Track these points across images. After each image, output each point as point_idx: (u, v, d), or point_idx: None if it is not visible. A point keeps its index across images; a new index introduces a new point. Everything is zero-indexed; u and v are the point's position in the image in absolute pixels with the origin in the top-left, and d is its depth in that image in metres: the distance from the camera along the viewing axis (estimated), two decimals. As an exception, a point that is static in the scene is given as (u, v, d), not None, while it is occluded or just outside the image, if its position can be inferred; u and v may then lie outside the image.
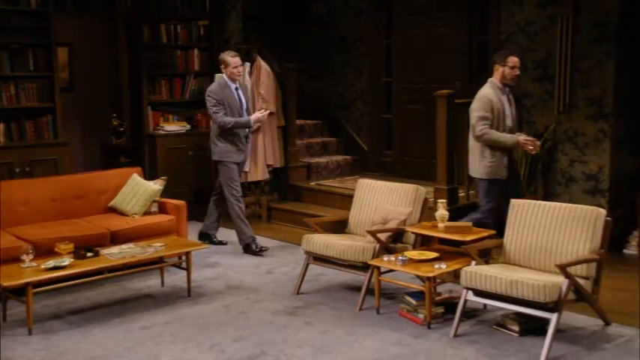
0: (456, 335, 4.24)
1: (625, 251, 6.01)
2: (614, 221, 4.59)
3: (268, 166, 7.43)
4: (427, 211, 5.15)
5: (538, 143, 5.36)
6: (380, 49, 8.18)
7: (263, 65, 7.34)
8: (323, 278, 5.44)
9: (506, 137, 5.21)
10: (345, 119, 8.57)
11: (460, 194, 6.28)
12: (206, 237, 6.49)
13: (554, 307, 3.93)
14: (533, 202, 4.63)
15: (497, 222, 5.13)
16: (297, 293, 5.11)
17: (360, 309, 4.74)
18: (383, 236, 4.83)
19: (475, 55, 7.29)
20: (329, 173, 8.09)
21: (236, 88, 6.17)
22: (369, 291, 4.75)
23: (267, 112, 6.45)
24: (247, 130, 6.26)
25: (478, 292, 4.22)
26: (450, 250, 4.84)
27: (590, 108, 6.06)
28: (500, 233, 4.69)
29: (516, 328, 4.25)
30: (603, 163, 6.04)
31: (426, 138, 6.96)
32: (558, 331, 4.00)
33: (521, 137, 5.25)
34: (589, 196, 6.10)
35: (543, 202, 4.64)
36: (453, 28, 7.36)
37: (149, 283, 5.37)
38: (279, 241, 6.66)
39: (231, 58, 6.09)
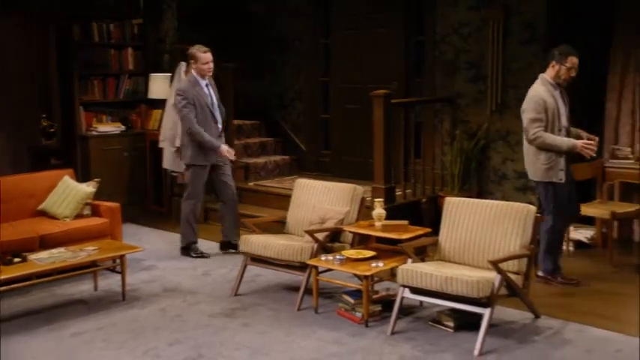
0: (393, 332, 4.28)
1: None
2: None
3: (205, 166, 7.33)
4: (364, 210, 5.18)
5: (595, 142, 5.00)
6: (318, 48, 8.19)
7: (199, 65, 7.23)
8: (261, 279, 5.41)
9: (562, 142, 4.91)
10: (283, 119, 8.55)
11: (397, 193, 6.35)
12: (228, 245, 6.21)
13: (487, 302, 4.01)
14: (467, 199, 4.73)
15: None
16: (235, 295, 5.06)
17: (299, 309, 4.73)
18: (321, 236, 4.84)
19: (412, 55, 7.39)
20: (267, 173, 8.06)
21: (207, 85, 5.96)
22: (308, 291, 4.74)
23: (234, 154, 6.11)
24: (219, 128, 6.04)
25: (414, 290, 4.27)
26: (387, 248, 4.89)
27: (520, 108, 6.19)
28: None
29: (451, 323, 4.32)
30: (534, 161, 6.20)
31: (364, 138, 7.00)
32: (491, 325, 4.08)
33: (580, 142, 4.90)
34: (520, 193, 6.27)
35: (476, 200, 4.75)
36: (390, 29, 7.43)
37: (81, 288, 5.22)
38: (216, 242, 6.58)
39: (202, 54, 5.85)
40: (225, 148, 5.93)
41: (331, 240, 4.95)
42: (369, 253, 4.66)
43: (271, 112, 8.61)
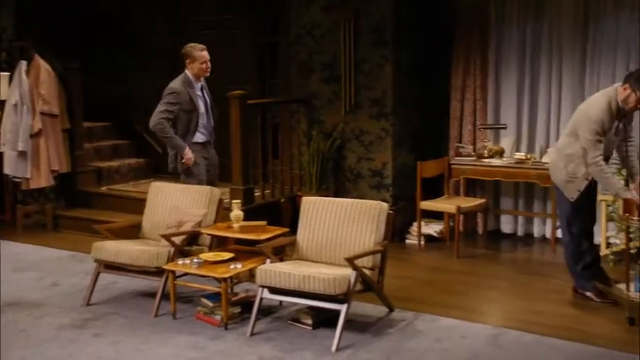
0: (252, 334, 4.27)
1: (407, 241, 6.48)
2: (397, 214, 4.92)
3: (53, 171, 6.95)
4: (223, 212, 5.13)
5: None
6: (173, 48, 8.00)
7: (42, 64, 6.84)
8: (115, 287, 5.19)
9: (614, 185, 4.55)
10: (137, 121, 8.27)
11: (256, 194, 6.35)
12: None
13: (344, 298, 4.10)
14: (323, 198, 4.81)
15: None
16: (87, 305, 4.82)
17: (156, 315, 4.59)
18: (178, 239, 4.73)
19: (266, 55, 7.42)
20: (122, 177, 7.77)
21: (201, 88, 5.42)
22: (165, 296, 4.61)
23: (192, 158, 5.31)
24: (211, 135, 5.46)
25: (273, 290, 4.28)
26: (246, 249, 4.87)
27: (373, 108, 6.43)
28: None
29: (309, 321, 4.38)
30: (386, 160, 6.44)
31: (221, 139, 6.91)
32: (348, 320, 4.18)
33: (631, 194, 4.47)
34: (375, 190, 6.48)
35: (332, 199, 4.84)
36: (244, 29, 7.43)
37: None
38: (67, 250, 6.25)
39: (199, 52, 5.31)
40: (189, 153, 5.28)
41: (189, 243, 4.85)
42: (228, 255, 4.62)
43: (123, 113, 8.31)
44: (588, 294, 4.80)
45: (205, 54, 5.36)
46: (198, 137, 5.39)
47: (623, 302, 4.46)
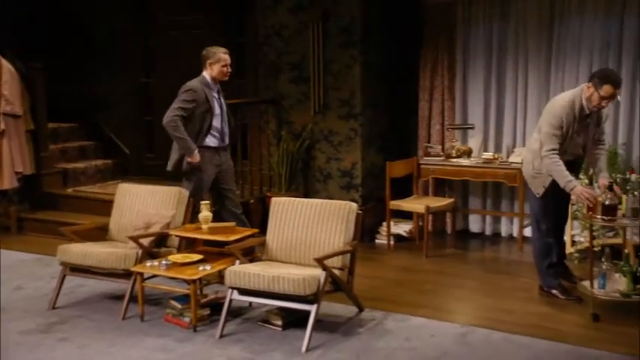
0: (222, 335, 4.24)
1: (376, 241, 6.51)
2: (366, 214, 4.93)
3: (17, 173, 6.82)
4: (191, 213, 5.08)
5: (595, 198, 4.41)
6: (139, 49, 7.94)
7: (4, 64, 6.72)
8: (82, 290, 5.12)
9: (562, 177, 4.53)
10: (104, 121, 8.18)
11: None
12: None
13: (313, 299, 4.10)
14: (292, 199, 4.80)
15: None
16: (53, 308, 4.75)
17: (124, 318, 4.54)
18: (145, 241, 4.68)
19: (234, 56, 7.36)
20: (88, 179, 7.67)
21: (218, 91, 5.30)
22: (133, 299, 4.56)
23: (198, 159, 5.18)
24: (226, 142, 5.34)
25: (243, 291, 4.27)
26: (215, 251, 4.84)
27: (342, 109, 6.44)
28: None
29: (280, 322, 4.37)
30: (355, 160, 6.46)
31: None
32: (318, 321, 4.18)
33: (579, 189, 4.47)
34: (344, 191, 6.49)
35: (301, 199, 4.83)
36: (211, 30, 7.38)
37: None
38: (32, 253, 6.14)
39: (222, 54, 5.19)
40: (197, 155, 5.16)
41: (157, 245, 4.80)
42: (197, 257, 4.59)
43: (90, 114, 8.21)
44: (554, 292, 4.87)
45: (228, 57, 5.29)
46: (211, 141, 5.27)
47: (588, 299, 4.54)
